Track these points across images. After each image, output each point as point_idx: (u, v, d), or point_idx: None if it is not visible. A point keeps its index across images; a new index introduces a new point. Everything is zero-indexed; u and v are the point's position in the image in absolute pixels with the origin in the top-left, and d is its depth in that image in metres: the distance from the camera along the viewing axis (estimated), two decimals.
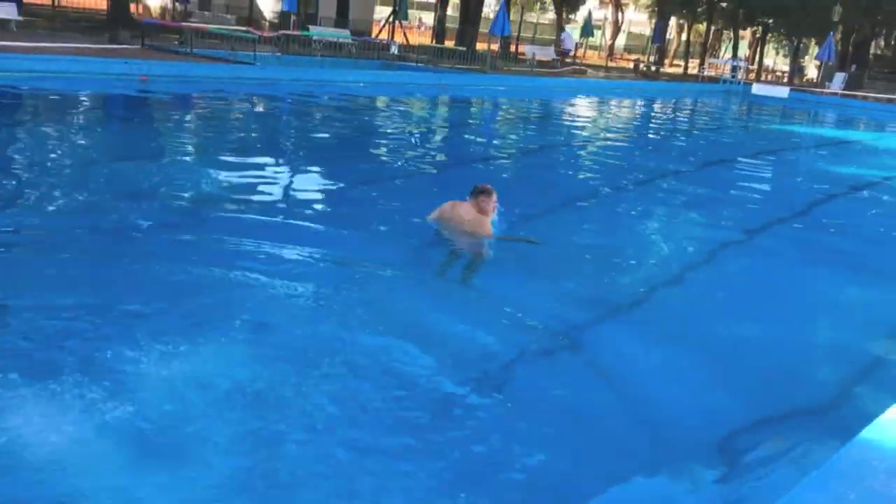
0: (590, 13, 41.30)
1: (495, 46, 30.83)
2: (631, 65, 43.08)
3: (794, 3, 37.41)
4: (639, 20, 70.67)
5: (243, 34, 20.83)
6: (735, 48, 46.22)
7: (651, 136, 18.87)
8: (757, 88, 32.75)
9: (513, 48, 40.73)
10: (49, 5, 31.33)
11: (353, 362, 4.40)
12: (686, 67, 47.92)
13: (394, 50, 25.76)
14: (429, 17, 54.74)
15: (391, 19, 35.14)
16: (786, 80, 44.27)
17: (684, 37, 54.88)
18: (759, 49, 50.23)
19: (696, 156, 16.20)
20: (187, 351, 4.31)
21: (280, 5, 27.84)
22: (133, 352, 4.19)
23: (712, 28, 49.63)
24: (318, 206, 8.15)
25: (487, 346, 4.93)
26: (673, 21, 55.19)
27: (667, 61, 52.39)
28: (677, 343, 5.42)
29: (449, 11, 47.07)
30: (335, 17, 38.83)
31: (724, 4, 44.92)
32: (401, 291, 5.82)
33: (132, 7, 33.79)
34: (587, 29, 38.45)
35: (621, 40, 63.65)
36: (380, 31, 37.81)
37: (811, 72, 52.28)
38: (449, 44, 34.82)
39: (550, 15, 57.95)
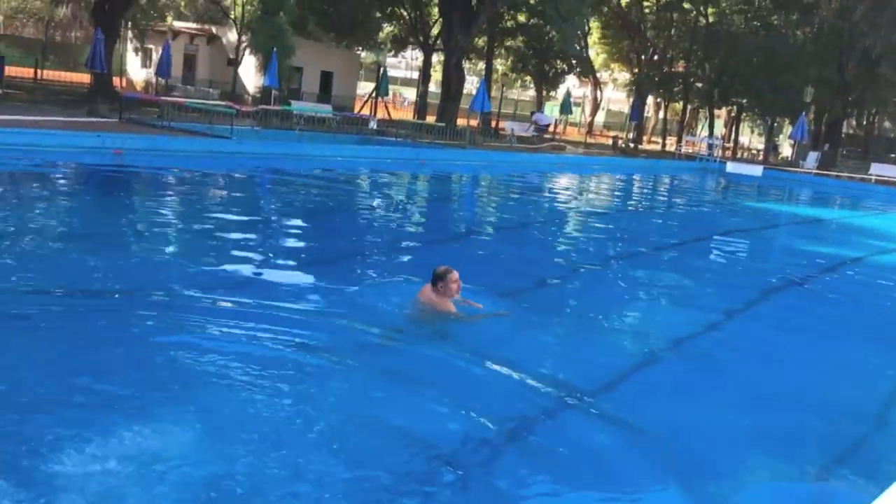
0: (568, 91, 42.09)
1: (475, 122, 31.22)
2: (609, 141, 43.76)
3: (767, 85, 38.37)
4: (618, 98, 72.33)
5: (222, 108, 20.93)
6: (711, 126, 47.17)
7: (629, 212, 18.96)
8: (731, 167, 33.26)
9: (493, 124, 41.37)
10: (31, 78, 31.59)
11: (324, 441, 4.38)
12: (664, 144, 48.78)
13: (372, 125, 26.00)
14: (412, 93, 55.69)
15: (373, 95, 35.67)
16: (761, 157, 45.09)
17: (662, 115, 56.04)
18: (734, 127, 51.31)
19: (674, 233, 16.23)
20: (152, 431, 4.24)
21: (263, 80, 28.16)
22: (99, 435, 4.11)
23: (689, 107, 50.72)
24: (291, 284, 7.92)
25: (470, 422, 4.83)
26: (651, 99, 56.45)
27: (645, 138, 53.34)
28: (632, 431, 5.19)
29: (431, 88, 47.92)
30: (318, 92, 39.45)
31: (699, 85, 46.03)
32: (372, 370, 5.68)
33: (116, 80, 34.16)
34: (566, 106, 39.12)
35: (601, 117, 64.95)
36: (362, 107, 38.36)
37: (786, 150, 53.34)
38: (431, 119, 35.29)
39: (531, 92, 59.17)
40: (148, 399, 4.70)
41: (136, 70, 42.72)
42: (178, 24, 44.18)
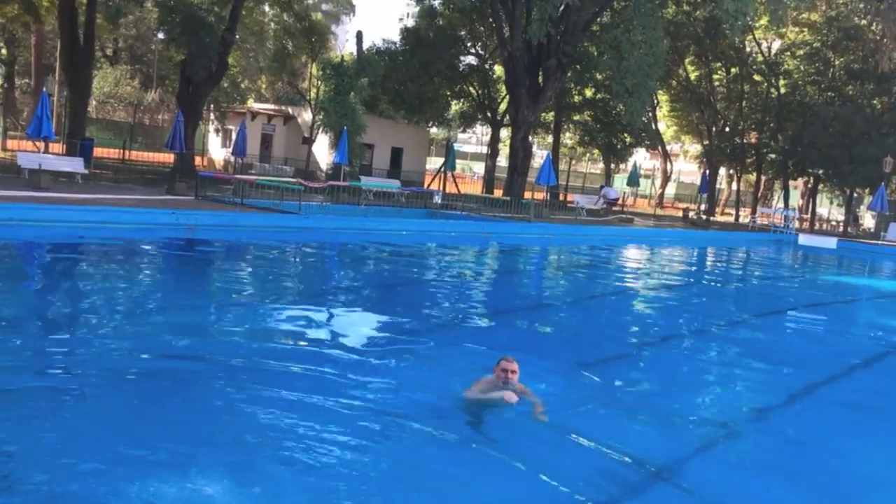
0: (635, 164, 42.01)
1: (541, 195, 31.40)
2: (680, 213, 43.23)
3: (843, 156, 37.46)
4: (689, 170, 71.74)
5: (291, 185, 21.68)
6: (786, 198, 46.17)
7: (698, 286, 18.58)
8: (804, 239, 32.34)
9: (561, 197, 41.49)
10: (118, 159, 33.46)
11: None
12: (737, 216, 47.90)
13: (437, 199, 26.42)
14: (481, 168, 56.51)
15: (441, 169, 36.36)
16: (840, 229, 43.73)
17: (735, 186, 55.16)
18: (811, 198, 50.04)
19: (742, 306, 15.80)
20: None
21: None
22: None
23: (762, 178, 49.85)
24: (353, 357, 8.01)
25: None
26: (723, 171, 55.79)
27: (718, 210, 52.52)
28: None
29: (500, 162, 48.62)
30: (389, 167, 40.46)
31: (772, 156, 45.31)
32: (432, 449, 5.73)
33: (198, 160, 35.87)
34: (633, 178, 39.01)
35: (671, 189, 64.39)
36: (431, 181, 39.12)
37: (868, 221, 51.61)
38: (499, 193, 35.66)
39: (601, 165, 59.33)
40: (214, 458, 5.02)
41: (217, 150, 44.78)
42: (257, 106, 46.35)
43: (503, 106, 41.99)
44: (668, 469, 5.64)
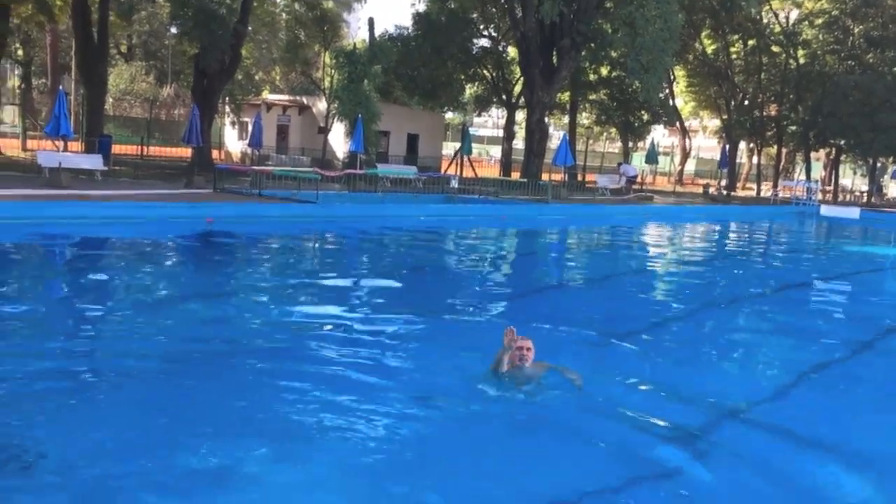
0: (653, 141, 41.65)
1: (559, 176, 31.23)
2: (700, 190, 42.87)
3: (865, 125, 36.92)
4: (709, 146, 71.00)
5: (308, 174, 21.72)
6: (808, 170, 45.61)
7: (721, 260, 18.42)
8: (826, 210, 32.00)
9: (579, 177, 41.27)
10: (137, 155, 33.69)
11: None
12: (759, 190, 47.42)
13: (453, 184, 26.36)
14: (498, 151, 56.30)
15: (458, 154, 36.24)
16: (864, 199, 43.17)
17: (756, 160, 54.58)
18: (834, 170, 49.40)
19: (769, 279, 15.64)
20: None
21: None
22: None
23: (783, 150, 49.25)
24: (378, 339, 7.99)
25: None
26: (743, 145, 55.18)
27: (739, 185, 52.01)
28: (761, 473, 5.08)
29: (517, 144, 48.39)
30: (405, 154, 40.43)
31: (793, 128, 44.73)
32: (457, 427, 5.78)
33: (215, 153, 36.03)
34: (652, 156, 38.69)
35: (691, 166, 63.80)
36: (448, 166, 39.04)
37: (892, 190, 50.90)
38: (516, 175, 35.53)
39: (619, 144, 58.88)
40: (247, 436, 5.22)
41: (234, 142, 44.98)
42: (272, 97, 46.43)
43: (518, 88, 41.75)
44: (697, 440, 5.63)
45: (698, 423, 6.04)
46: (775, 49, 44.68)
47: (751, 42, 44.08)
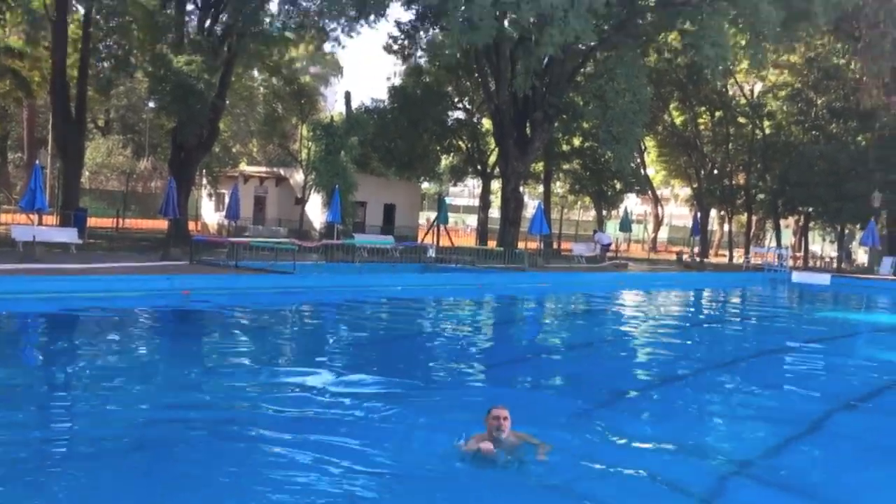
0: (626, 209, 42.33)
1: (535, 245, 31.53)
2: (674, 257, 43.40)
3: (831, 193, 37.82)
4: (681, 213, 72.26)
5: (285, 245, 21.75)
6: (778, 237, 46.45)
7: (697, 327, 18.58)
8: (797, 276, 32.46)
9: (555, 245, 41.67)
10: (113, 227, 33.59)
11: None
12: (731, 257, 48.09)
13: (430, 253, 26.50)
14: (474, 220, 56.80)
15: (434, 223, 36.53)
16: (834, 266, 43.89)
17: (727, 227, 55.52)
18: (803, 236, 50.35)
19: (737, 345, 15.78)
20: None
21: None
22: None
23: (754, 218, 50.21)
24: (350, 415, 7.92)
25: None
26: (714, 212, 56.18)
27: (711, 251, 52.75)
28: None
29: (493, 213, 48.90)
30: (382, 224, 40.68)
31: (761, 196, 45.71)
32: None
33: (192, 225, 36.02)
34: (625, 224, 39.27)
35: (664, 233, 64.73)
36: (424, 236, 39.28)
37: (861, 257, 51.82)
38: (492, 244, 35.81)
39: (593, 212, 59.71)
40: None
41: (211, 214, 45.00)
42: (249, 169, 46.78)
43: (493, 158, 42.45)
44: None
45: (685, 483, 6.04)
46: (742, 120, 46.03)
47: (718, 113, 45.40)
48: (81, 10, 30.45)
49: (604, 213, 51.35)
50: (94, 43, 28.95)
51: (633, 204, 64.46)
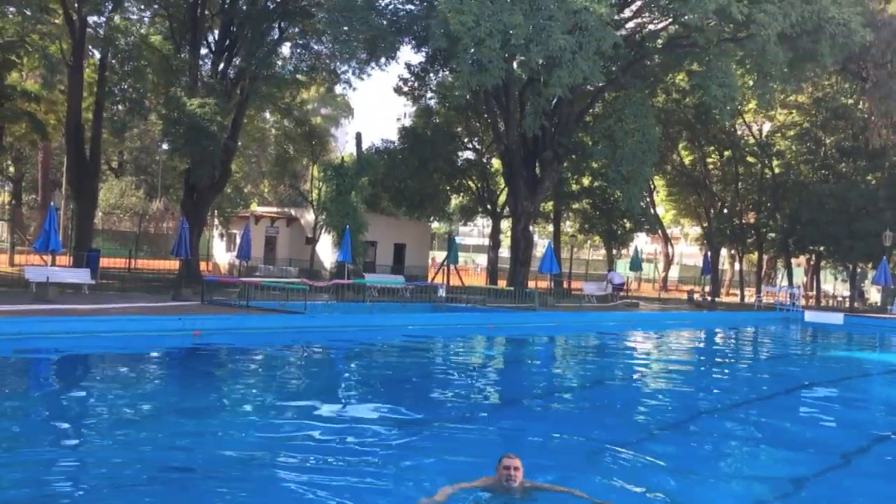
0: (636, 248, 42.29)
1: (545, 284, 31.50)
2: (685, 296, 43.20)
3: (842, 232, 37.68)
4: (691, 252, 72.07)
5: (296, 285, 21.80)
6: (790, 276, 46.20)
7: (709, 366, 18.41)
8: (810, 315, 32.23)
9: (565, 284, 41.56)
10: (125, 268, 33.77)
11: None
12: (742, 296, 47.82)
13: (441, 293, 26.51)
14: (484, 259, 56.80)
15: (444, 263, 36.58)
16: (847, 304, 43.58)
17: (738, 266, 55.32)
18: (815, 275, 50.09)
19: (757, 385, 15.62)
20: None
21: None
22: None
23: (765, 257, 50.03)
24: (364, 456, 7.87)
25: None
26: (725, 251, 56.02)
27: (723, 291, 52.49)
28: None
29: (503, 253, 48.94)
30: (392, 263, 40.73)
31: (772, 235, 45.60)
32: None
33: (203, 265, 36.19)
34: (635, 263, 39.20)
35: (675, 272, 64.50)
36: (434, 275, 39.30)
37: (874, 295, 51.45)
38: (502, 284, 35.78)
39: (603, 251, 59.72)
40: None
41: (222, 254, 45.22)
42: (261, 209, 47.10)
43: (502, 198, 42.61)
44: None
45: None
46: (750, 159, 46.11)
47: (726, 153, 45.53)
48: (97, 55, 31.05)
49: (614, 252, 51.26)
50: (109, 86, 29.40)
51: (642, 243, 64.38)
